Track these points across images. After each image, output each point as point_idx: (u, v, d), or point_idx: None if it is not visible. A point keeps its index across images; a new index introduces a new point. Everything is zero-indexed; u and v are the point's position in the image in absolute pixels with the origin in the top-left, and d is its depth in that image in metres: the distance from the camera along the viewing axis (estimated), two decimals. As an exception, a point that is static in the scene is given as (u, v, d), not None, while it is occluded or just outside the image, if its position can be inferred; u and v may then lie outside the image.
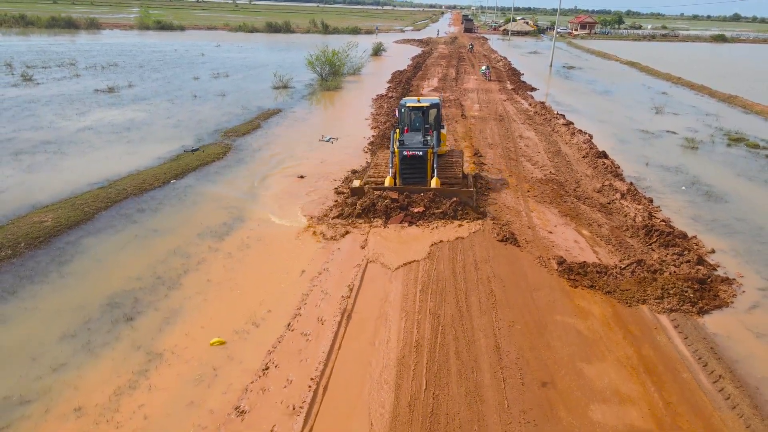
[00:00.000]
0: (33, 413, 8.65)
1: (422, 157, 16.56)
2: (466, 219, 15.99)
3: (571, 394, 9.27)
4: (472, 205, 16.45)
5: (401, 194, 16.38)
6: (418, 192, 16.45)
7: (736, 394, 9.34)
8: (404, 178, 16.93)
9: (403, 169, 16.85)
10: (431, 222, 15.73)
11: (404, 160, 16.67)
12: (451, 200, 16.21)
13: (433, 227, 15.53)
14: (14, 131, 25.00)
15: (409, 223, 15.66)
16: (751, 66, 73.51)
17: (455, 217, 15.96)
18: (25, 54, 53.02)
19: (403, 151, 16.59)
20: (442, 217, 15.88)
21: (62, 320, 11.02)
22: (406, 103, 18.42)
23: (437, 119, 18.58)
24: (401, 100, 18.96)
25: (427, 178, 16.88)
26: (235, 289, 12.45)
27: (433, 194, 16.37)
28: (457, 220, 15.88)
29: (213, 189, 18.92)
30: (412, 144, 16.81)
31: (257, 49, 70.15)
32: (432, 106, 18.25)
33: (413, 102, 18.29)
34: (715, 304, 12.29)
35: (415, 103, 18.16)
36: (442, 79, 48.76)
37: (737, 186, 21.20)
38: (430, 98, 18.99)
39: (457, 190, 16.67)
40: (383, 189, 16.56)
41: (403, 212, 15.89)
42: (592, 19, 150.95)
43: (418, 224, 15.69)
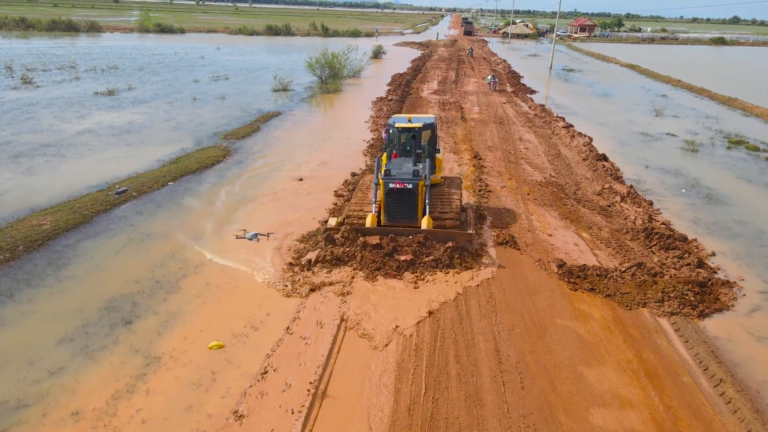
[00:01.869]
0: (30, 417, 8.60)
1: (411, 191, 13.87)
2: (464, 267, 13.42)
3: (572, 398, 9.23)
4: (470, 251, 13.98)
5: (385, 237, 13.77)
6: (406, 234, 13.82)
7: (737, 397, 9.30)
8: (390, 214, 14.27)
9: (388, 204, 14.14)
10: (423, 273, 13.14)
11: (390, 194, 13.96)
12: (446, 245, 13.62)
13: (424, 279, 12.95)
14: (13, 134, 24.99)
15: (396, 270, 13.11)
16: (750, 69, 73.56)
17: (451, 265, 13.38)
18: (25, 57, 53.09)
19: (389, 183, 13.83)
20: (435, 265, 13.32)
21: (60, 324, 10.98)
22: (394, 122, 15.67)
23: (432, 142, 15.94)
24: (390, 119, 16.14)
25: (417, 215, 14.23)
26: (235, 293, 12.41)
27: (424, 237, 13.72)
28: (452, 268, 13.30)
29: (205, 195, 18.89)
30: (400, 174, 14.09)
31: (257, 52, 70.24)
32: (425, 127, 15.45)
33: (403, 122, 15.58)
34: (716, 307, 12.25)
35: (406, 123, 15.43)
36: (441, 81, 48.80)
37: (737, 189, 21.18)
38: (424, 117, 16.38)
39: (454, 233, 14.00)
40: (363, 231, 14.00)
41: (388, 258, 13.36)
42: (591, 22, 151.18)
43: (402, 277, 12.97)
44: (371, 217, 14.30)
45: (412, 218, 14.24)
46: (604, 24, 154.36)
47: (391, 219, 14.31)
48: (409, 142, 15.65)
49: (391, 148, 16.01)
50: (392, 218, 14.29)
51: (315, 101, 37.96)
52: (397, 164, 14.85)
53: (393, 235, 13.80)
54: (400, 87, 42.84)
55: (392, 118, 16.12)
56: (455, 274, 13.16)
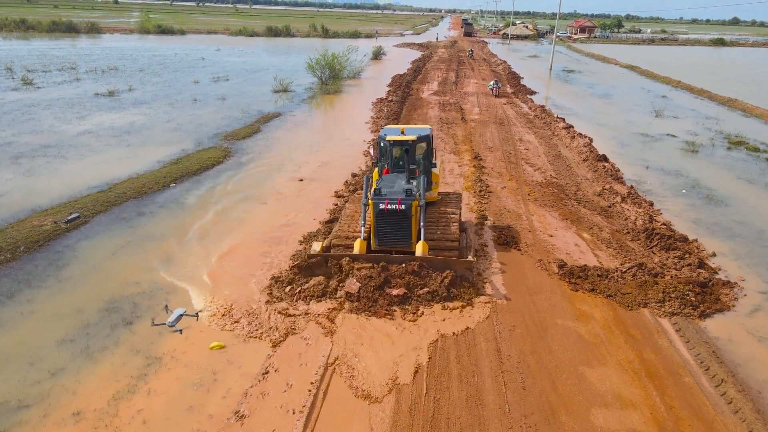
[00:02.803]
0: (31, 418, 8.60)
1: (404, 213, 12.41)
2: (464, 300, 12.06)
3: (573, 398, 9.22)
4: (470, 280, 12.53)
5: (375, 265, 12.30)
6: (399, 262, 12.37)
7: (738, 398, 9.29)
8: (381, 238, 12.85)
9: (379, 227, 12.69)
10: (417, 307, 11.74)
11: (380, 216, 12.50)
12: (443, 274, 12.27)
13: (419, 313, 11.56)
14: (14, 135, 25.01)
15: (388, 304, 11.70)
16: (750, 69, 73.60)
17: (448, 297, 12.02)
18: (26, 58, 53.12)
19: (379, 204, 12.36)
20: (431, 298, 11.93)
21: (60, 325, 10.98)
22: (385, 135, 14.01)
23: (427, 155, 14.34)
24: (381, 131, 14.66)
25: (410, 239, 12.79)
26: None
27: (419, 265, 12.29)
28: (449, 301, 11.95)
29: (202, 198, 18.90)
30: (392, 193, 12.62)
31: (257, 53, 70.30)
32: (420, 140, 13.77)
33: (395, 134, 13.91)
34: (717, 307, 12.25)
35: (398, 136, 13.76)
36: (442, 82, 48.83)
37: (738, 189, 21.18)
38: (419, 127, 14.73)
39: (452, 260, 12.51)
40: (350, 258, 12.48)
41: (379, 292, 11.89)
42: (591, 23, 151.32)
43: (394, 316, 11.47)
44: (359, 242, 12.78)
45: (406, 242, 12.84)
46: (604, 25, 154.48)
47: (382, 243, 12.90)
48: (402, 157, 14.16)
49: (383, 163, 14.56)
50: (383, 242, 12.89)
51: (315, 102, 37.98)
52: (389, 181, 13.42)
53: (384, 263, 12.29)
54: (401, 88, 42.86)
55: (383, 130, 14.59)
56: (452, 309, 11.72)
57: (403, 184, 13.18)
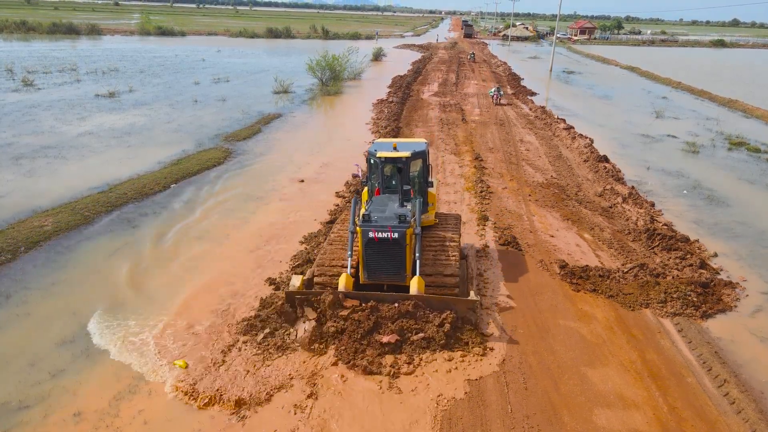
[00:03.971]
0: (32, 419, 8.57)
1: (397, 242, 10.88)
2: (467, 347, 10.37)
3: (575, 398, 9.19)
4: (474, 322, 10.92)
5: (363, 304, 10.69)
6: (390, 301, 10.75)
7: (741, 398, 9.26)
8: (370, 270, 11.30)
9: (368, 258, 11.15)
10: (411, 356, 10.06)
11: (370, 245, 10.98)
12: (442, 316, 10.56)
13: (413, 364, 9.88)
14: (14, 136, 25.00)
15: (378, 355, 10.02)
16: (751, 71, 73.63)
17: (447, 345, 10.28)
18: (26, 59, 53.14)
19: (368, 232, 10.87)
20: (427, 345, 10.25)
21: (60, 326, 10.95)
22: (376, 150, 12.33)
23: (423, 173, 12.72)
24: (371, 146, 12.95)
25: (404, 272, 11.26)
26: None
27: (414, 305, 10.60)
28: (449, 350, 10.23)
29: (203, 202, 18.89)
30: (383, 219, 11.12)
31: (258, 55, 70.34)
32: (415, 156, 12.24)
33: (387, 150, 12.29)
34: (719, 307, 12.23)
35: (390, 152, 12.13)
36: (442, 84, 48.85)
37: (739, 190, 21.16)
38: (413, 142, 13.32)
39: (452, 299, 10.90)
40: (336, 295, 10.76)
41: (367, 338, 10.28)
42: (591, 24, 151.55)
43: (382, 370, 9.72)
44: (345, 277, 11.04)
45: (399, 274, 11.30)
46: (604, 26, 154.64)
47: (372, 276, 11.36)
48: (395, 175, 12.55)
49: (373, 183, 12.96)
50: (374, 275, 11.35)
51: (316, 103, 37.99)
52: (380, 204, 11.87)
53: (374, 302, 10.69)
54: (401, 89, 42.88)
55: (374, 145, 12.98)
56: (453, 360, 10.05)
57: (395, 207, 11.64)
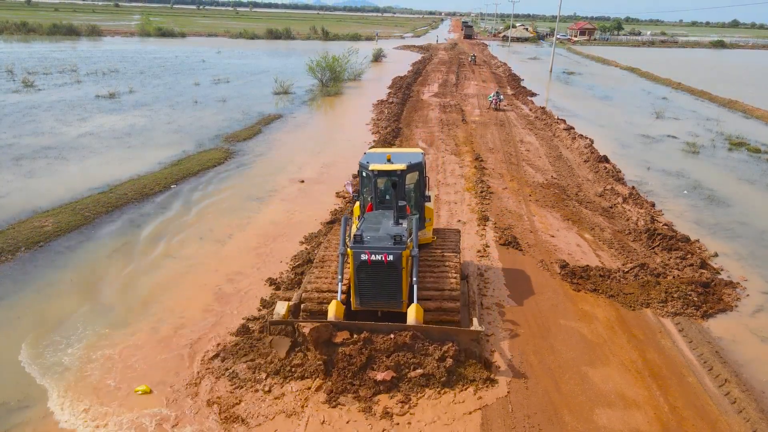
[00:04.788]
0: (32, 418, 8.57)
1: (392, 265, 9.84)
2: (471, 384, 9.28)
3: (576, 398, 9.18)
4: (478, 354, 9.81)
5: (357, 336, 9.61)
6: (386, 332, 9.70)
7: (742, 397, 9.25)
8: (363, 296, 10.27)
9: (361, 283, 10.13)
10: (408, 395, 9.00)
11: (362, 269, 9.93)
12: (443, 349, 9.47)
13: (410, 404, 8.85)
14: (15, 137, 25.00)
15: (373, 394, 8.96)
16: (751, 71, 73.66)
17: (449, 383, 9.20)
18: (27, 60, 53.19)
19: (360, 254, 9.83)
20: (426, 383, 9.17)
21: (60, 326, 10.95)
22: (368, 163, 11.28)
23: (419, 187, 11.86)
24: (362, 157, 11.82)
25: (400, 297, 10.22)
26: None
27: (412, 336, 9.54)
28: (450, 387, 9.15)
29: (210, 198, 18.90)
30: (376, 240, 10.04)
31: (258, 56, 70.40)
32: (411, 168, 11.25)
33: (380, 162, 11.24)
34: (719, 307, 12.22)
35: (383, 165, 11.11)
36: (442, 84, 48.89)
37: (739, 190, 21.17)
38: (409, 152, 12.43)
39: (454, 330, 9.83)
40: (323, 326, 9.60)
41: (359, 375, 9.20)
42: (591, 25, 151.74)
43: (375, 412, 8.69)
44: (335, 305, 9.98)
45: (394, 301, 10.24)
46: (604, 27, 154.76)
47: (365, 303, 10.32)
48: (389, 190, 11.49)
49: (366, 198, 11.95)
50: (366, 302, 10.31)
51: (316, 104, 38.02)
52: (372, 222, 10.81)
53: (367, 333, 9.62)
54: (401, 90, 42.91)
55: (365, 156, 11.93)
56: (455, 402, 8.93)
57: (390, 226, 10.56)
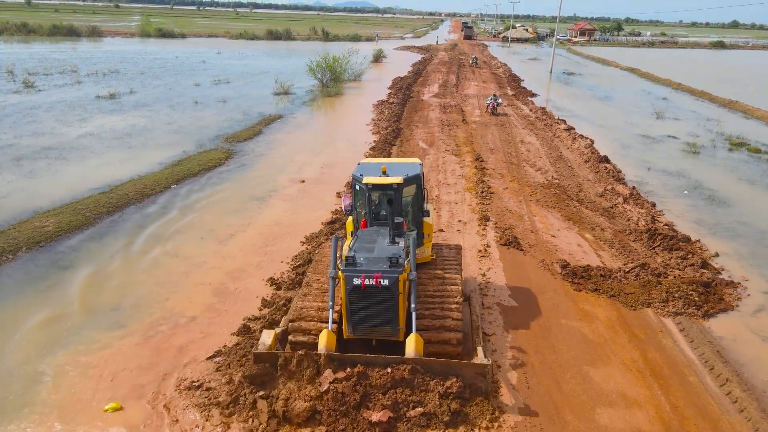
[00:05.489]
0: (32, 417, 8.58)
1: (388, 290, 8.93)
2: (476, 425, 8.36)
3: (577, 397, 9.18)
4: (484, 390, 8.73)
5: (349, 369, 8.60)
6: (382, 365, 8.72)
7: (743, 397, 9.25)
8: (356, 323, 9.32)
9: (353, 308, 9.20)
10: None
11: (355, 294, 9.03)
12: (446, 385, 8.54)
13: None
14: (15, 137, 25.01)
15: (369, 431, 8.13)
16: (750, 72, 73.70)
17: (452, 423, 8.30)
18: (27, 61, 53.21)
19: (353, 278, 8.92)
20: (427, 424, 8.29)
21: (54, 328, 10.96)
22: (362, 176, 10.42)
23: (417, 200, 11.01)
24: (356, 168, 10.97)
25: (396, 325, 9.27)
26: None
27: (410, 370, 8.58)
28: (454, 428, 8.27)
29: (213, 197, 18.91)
30: (370, 262, 9.15)
31: (258, 56, 70.43)
32: (408, 181, 10.42)
33: (375, 174, 10.39)
34: (720, 307, 12.22)
35: (378, 178, 10.29)
36: (442, 85, 48.91)
37: (739, 190, 21.17)
38: (406, 163, 11.55)
39: (457, 364, 8.85)
40: (312, 359, 8.69)
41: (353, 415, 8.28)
42: (591, 26, 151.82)
43: None
44: (326, 335, 9.04)
45: (390, 328, 9.31)
46: (604, 28, 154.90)
47: (358, 331, 9.39)
48: (384, 205, 10.46)
49: (360, 212, 11.04)
50: (360, 329, 9.38)
51: (316, 104, 38.04)
52: (366, 240, 9.94)
53: (361, 366, 8.60)
54: (401, 90, 42.93)
55: (358, 167, 11.01)
56: None
57: (385, 245, 9.68)
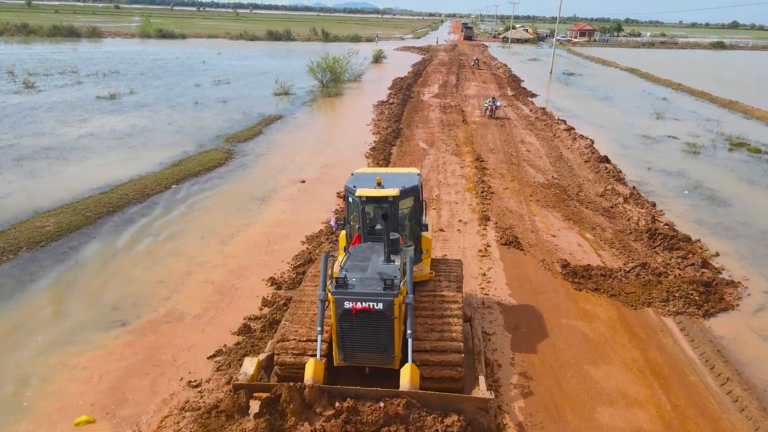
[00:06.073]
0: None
1: (382, 314, 8.13)
2: None
3: (578, 396, 9.18)
4: (487, 426, 7.84)
5: (338, 403, 7.73)
6: (374, 398, 7.82)
7: (744, 396, 9.25)
8: (347, 350, 8.49)
9: (344, 334, 8.37)
10: None
11: (346, 319, 8.23)
12: (446, 422, 7.59)
13: None
14: (16, 137, 25.02)
15: None
16: (750, 72, 73.71)
17: None
18: (27, 62, 53.21)
19: (343, 301, 8.13)
20: None
21: (49, 328, 10.96)
22: (355, 187, 9.53)
23: (415, 213, 10.16)
24: (349, 178, 10.16)
25: (391, 352, 8.44)
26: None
27: (406, 405, 7.62)
28: None
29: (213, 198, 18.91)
30: (363, 284, 8.32)
31: (258, 57, 70.46)
32: (404, 194, 9.55)
33: (369, 185, 9.52)
34: (721, 306, 12.21)
35: (372, 190, 9.34)
36: (442, 85, 48.93)
37: (740, 190, 21.18)
38: (404, 172, 10.70)
39: (456, 398, 7.96)
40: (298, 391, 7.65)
41: None
42: (591, 26, 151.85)
43: None
44: (314, 364, 8.09)
45: (384, 356, 8.47)
46: (604, 29, 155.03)
47: (349, 358, 8.55)
48: (378, 219, 9.69)
49: (352, 227, 10.15)
50: (351, 356, 8.53)
51: (316, 105, 38.05)
52: (359, 259, 9.01)
53: (351, 400, 7.71)
54: (401, 90, 42.95)
55: (352, 178, 10.14)
56: None
57: (379, 264, 8.80)
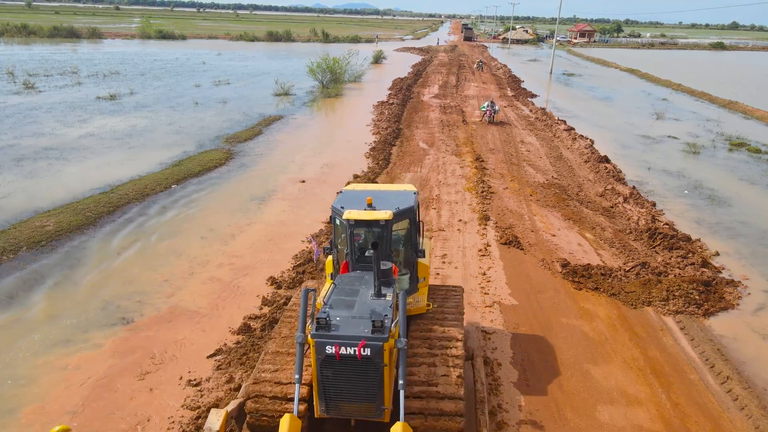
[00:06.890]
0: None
1: (370, 361, 6.86)
2: None
3: (578, 395, 9.18)
4: None
5: None
6: None
7: (744, 395, 9.25)
8: (329, 400, 7.20)
9: (326, 382, 7.08)
10: None
11: (329, 364, 6.95)
12: None
13: None
14: (16, 138, 25.03)
15: None
16: (750, 73, 73.75)
17: None
18: (27, 63, 53.25)
19: (325, 345, 6.85)
20: None
21: (47, 328, 10.96)
22: (342, 209, 8.32)
23: (410, 237, 8.81)
24: (336, 198, 8.94)
25: (381, 403, 7.12)
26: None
27: None
28: None
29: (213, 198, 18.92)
30: (348, 325, 7.06)
31: (258, 58, 70.49)
32: (398, 216, 8.29)
33: (358, 206, 8.32)
34: (721, 306, 12.22)
35: (362, 213, 8.12)
36: (442, 86, 48.94)
37: (739, 190, 21.18)
38: (398, 191, 9.32)
39: None
40: None
41: None
42: (591, 27, 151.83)
43: None
44: (288, 421, 6.76)
45: (373, 407, 7.18)
46: (604, 30, 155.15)
47: (332, 409, 7.27)
48: (370, 245, 8.15)
49: (340, 253, 8.86)
50: (334, 408, 7.25)
51: (316, 105, 38.07)
52: (345, 293, 7.75)
53: None
54: (401, 91, 42.96)
55: (340, 197, 8.98)
56: None
57: (369, 299, 7.59)
